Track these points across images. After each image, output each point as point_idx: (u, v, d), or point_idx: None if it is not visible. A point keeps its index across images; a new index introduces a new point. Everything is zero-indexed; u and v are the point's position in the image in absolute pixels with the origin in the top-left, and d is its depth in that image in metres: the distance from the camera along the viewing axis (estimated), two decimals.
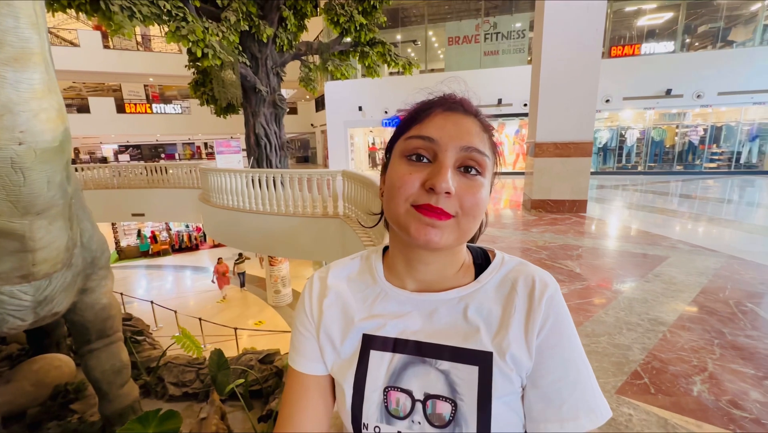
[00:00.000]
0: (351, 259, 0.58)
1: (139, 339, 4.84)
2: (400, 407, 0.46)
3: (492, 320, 0.47)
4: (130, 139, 20.72)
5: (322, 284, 0.55)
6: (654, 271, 2.46)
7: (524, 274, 0.49)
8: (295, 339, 0.55)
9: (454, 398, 0.44)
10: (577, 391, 0.44)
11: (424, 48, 12.73)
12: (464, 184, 0.45)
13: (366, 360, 0.49)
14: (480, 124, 0.48)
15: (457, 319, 0.48)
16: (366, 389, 0.47)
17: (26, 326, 2.60)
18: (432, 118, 0.46)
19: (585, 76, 4.24)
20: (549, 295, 0.46)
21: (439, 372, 0.46)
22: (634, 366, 1.43)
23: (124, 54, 14.77)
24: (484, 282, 0.50)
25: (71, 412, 3.50)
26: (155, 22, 5.32)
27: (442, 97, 0.49)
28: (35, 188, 1.86)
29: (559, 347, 0.44)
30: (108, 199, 9.74)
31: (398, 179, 0.45)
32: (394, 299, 0.51)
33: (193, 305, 10.02)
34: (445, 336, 0.47)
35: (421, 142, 0.45)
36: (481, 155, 0.45)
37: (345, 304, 0.53)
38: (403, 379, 0.46)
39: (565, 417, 0.43)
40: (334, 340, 0.52)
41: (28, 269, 2.22)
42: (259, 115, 7.80)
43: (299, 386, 0.52)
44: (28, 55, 1.59)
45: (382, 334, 0.49)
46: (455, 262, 0.51)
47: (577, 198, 4.44)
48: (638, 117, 10.64)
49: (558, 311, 0.46)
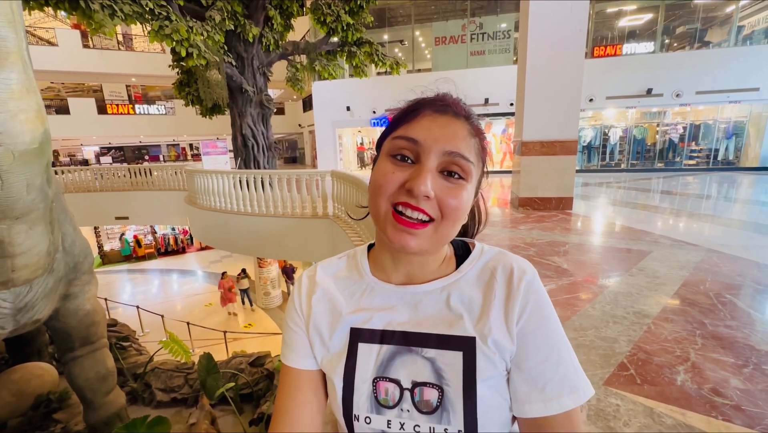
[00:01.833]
0: (338, 258, 0.59)
1: (124, 345, 4.73)
2: (389, 396, 0.47)
3: (474, 307, 0.48)
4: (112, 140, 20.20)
5: (310, 281, 0.56)
6: (638, 265, 2.53)
7: (503, 262, 0.50)
8: (286, 336, 0.56)
9: (441, 384, 0.45)
10: (559, 371, 0.45)
11: (411, 48, 12.77)
12: (445, 187, 0.45)
13: (355, 353, 0.50)
14: (469, 127, 0.48)
15: (441, 308, 0.49)
16: (356, 380, 0.48)
17: (6, 334, 2.52)
18: (419, 120, 0.47)
19: (569, 76, 4.32)
20: (527, 281, 0.47)
21: (425, 360, 0.47)
22: (620, 358, 1.46)
23: (105, 53, 14.39)
24: (465, 272, 0.51)
25: (54, 422, 3.40)
26: (137, 21, 5.21)
27: (434, 97, 0.49)
28: (14, 192, 1.80)
29: (541, 330, 0.46)
30: (90, 203, 9.48)
31: (381, 177, 0.46)
32: (380, 293, 0.52)
33: (181, 309, 9.85)
34: (431, 325, 0.48)
35: (405, 142, 0.46)
36: (465, 161, 0.45)
37: (333, 299, 0.54)
38: (391, 369, 0.48)
39: (549, 397, 0.44)
40: (323, 334, 0.53)
41: (7, 275, 2.15)
42: (245, 116, 7.71)
43: (292, 381, 0.53)
44: (4, 55, 1.54)
45: (369, 327, 0.50)
46: (437, 257, 0.52)
47: (563, 195, 4.52)
48: (621, 116, 10.90)
49: (537, 296, 0.47)
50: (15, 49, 1.58)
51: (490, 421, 0.44)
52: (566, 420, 0.44)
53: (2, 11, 1.50)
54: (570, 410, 0.44)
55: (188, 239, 16.02)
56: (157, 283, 12.71)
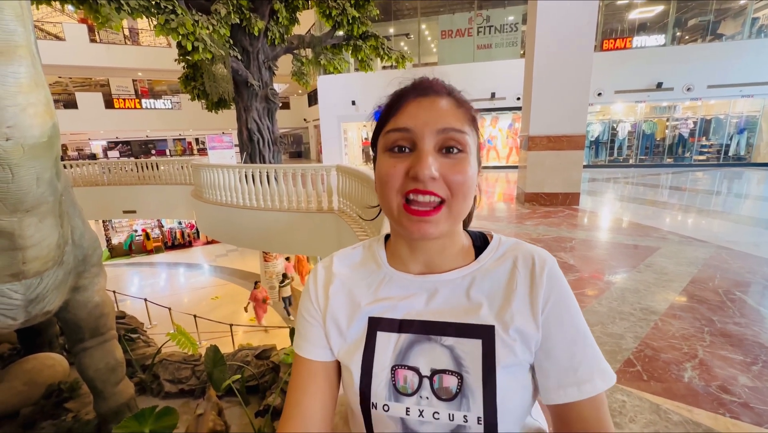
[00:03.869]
0: (353, 248, 0.59)
1: (133, 337, 4.80)
2: (407, 384, 0.47)
3: (495, 297, 0.49)
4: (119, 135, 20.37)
5: (327, 272, 0.56)
6: (645, 261, 2.50)
7: (522, 252, 0.51)
8: (300, 326, 0.56)
9: (460, 372, 0.46)
10: (588, 353, 0.46)
11: (417, 41, 12.65)
12: (448, 164, 0.46)
13: (373, 342, 0.50)
14: (454, 100, 0.49)
15: (460, 297, 0.50)
16: (374, 368, 0.49)
17: (17, 325, 2.57)
18: (405, 108, 0.48)
19: (578, 70, 4.25)
20: (549, 269, 0.48)
21: (444, 348, 0.47)
22: (627, 354, 1.45)
23: (112, 48, 14.44)
24: (484, 261, 0.52)
25: (65, 411, 3.47)
26: (144, 15, 5.21)
27: (413, 83, 0.50)
28: (24, 185, 1.83)
29: (567, 315, 0.47)
30: (98, 197, 9.58)
31: (385, 174, 0.47)
32: (398, 283, 0.53)
33: (188, 302, 9.95)
34: (449, 314, 0.49)
35: (398, 134, 0.47)
36: (460, 133, 0.46)
37: (350, 290, 0.54)
38: (410, 357, 0.48)
39: (582, 379, 0.45)
40: (341, 325, 0.53)
41: (18, 267, 2.18)
42: (251, 110, 7.71)
43: (306, 372, 0.53)
44: (13, 48, 1.55)
45: (388, 316, 0.51)
46: (455, 242, 0.53)
47: (570, 191, 4.48)
48: (630, 110, 10.73)
49: (560, 284, 0.48)
50: (24, 43, 1.59)
51: (509, 408, 0.44)
52: (597, 406, 0.45)
53: (10, 5, 1.51)
54: (599, 395, 0.45)
55: (194, 232, 16.16)
56: (165, 276, 12.87)
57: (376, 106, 0.53)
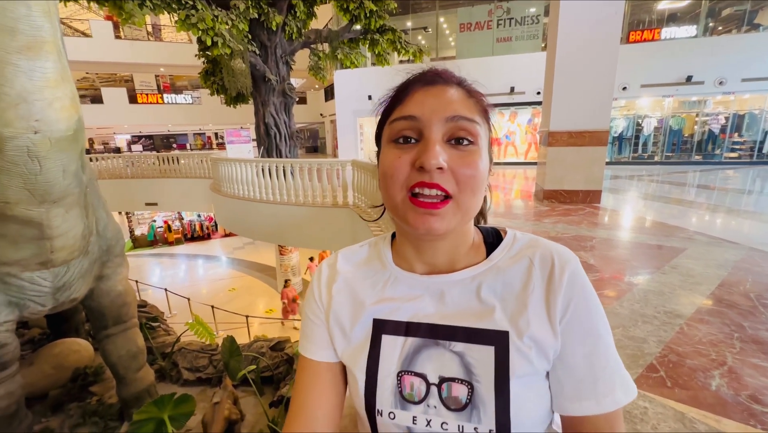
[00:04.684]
0: (359, 246, 0.57)
1: (154, 325, 4.96)
2: (414, 391, 0.45)
3: (508, 299, 0.45)
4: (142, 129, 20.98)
5: (331, 270, 0.54)
6: (671, 263, 2.40)
7: (540, 249, 0.47)
8: (305, 326, 0.55)
9: (471, 380, 0.43)
10: (609, 365, 0.42)
11: (435, 35, 12.48)
12: (457, 156, 0.42)
13: (378, 345, 0.47)
14: (464, 90, 0.45)
15: (470, 299, 0.46)
16: (379, 374, 0.46)
17: (46, 311, 2.68)
18: (411, 96, 0.45)
19: (602, 63, 4.10)
20: (571, 271, 0.44)
21: (453, 354, 0.44)
22: (649, 359, 1.40)
23: (136, 44, 14.83)
24: (497, 260, 0.48)
25: (90, 394, 3.62)
26: (165, 11, 5.32)
27: (421, 72, 0.47)
28: (51, 177, 1.89)
29: (588, 322, 0.43)
30: (122, 189, 9.91)
31: (389, 166, 0.44)
32: (404, 283, 0.50)
33: (206, 293, 10.22)
34: (459, 317, 0.46)
35: (404, 123, 0.44)
36: (470, 122, 0.43)
37: (354, 289, 0.52)
38: (417, 362, 0.45)
39: (601, 392, 0.41)
40: (344, 325, 0.51)
41: (47, 256, 2.27)
42: (268, 105, 7.78)
43: (310, 373, 0.52)
44: (40, 44, 1.60)
45: (393, 318, 0.48)
46: (464, 240, 0.49)
47: (591, 188, 4.35)
48: (656, 105, 10.31)
49: (582, 287, 0.44)
50: (50, 38, 1.63)
51: (523, 421, 0.41)
52: (614, 419, 0.42)
53: (38, 2, 1.55)
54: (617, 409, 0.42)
55: (213, 225, 16.52)
56: (184, 267, 13.23)
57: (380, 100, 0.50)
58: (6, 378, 2.52)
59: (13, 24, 1.49)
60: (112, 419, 3.28)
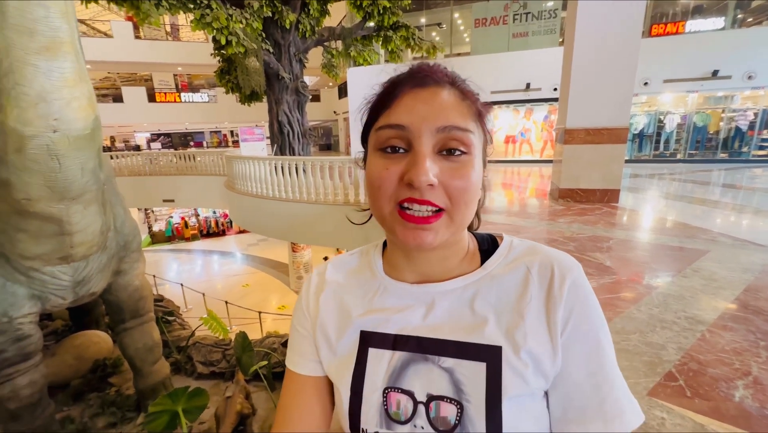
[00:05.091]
0: (350, 254, 0.55)
1: (170, 319, 5.08)
2: (401, 410, 0.42)
3: (503, 311, 0.42)
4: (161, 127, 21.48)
5: (320, 279, 0.52)
6: (692, 265, 2.31)
7: (539, 257, 0.44)
8: (292, 338, 0.53)
9: (460, 399, 0.40)
10: (617, 383, 0.39)
11: (449, 31, 12.33)
12: (448, 168, 0.39)
13: (364, 359, 0.45)
14: (458, 92, 0.42)
15: (462, 310, 0.44)
16: (364, 390, 0.44)
17: (67, 304, 2.77)
18: (400, 101, 0.41)
19: (623, 58, 3.96)
20: (572, 279, 0.41)
21: (442, 370, 0.41)
22: (668, 367, 1.34)
23: (155, 44, 15.16)
24: (491, 268, 0.45)
25: (109, 385, 3.75)
26: (181, 10, 5.40)
27: (410, 71, 0.43)
28: (70, 174, 1.94)
29: (593, 337, 0.40)
30: (141, 186, 10.17)
31: (376, 177, 0.41)
32: (393, 293, 0.47)
33: (221, 288, 10.42)
34: (449, 330, 0.43)
35: (391, 131, 0.40)
36: (463, 132, 0.40)
37: (342, 299, 0.50)
38: (404, 379, 0.43)
39: (609, 414, 0.38)
40: (330, 337, 0.48)
41: (67, 251, 2.35)
42: (282, 103, 7.84)
43: (296, 388, 0.50)
44: (58, 45, 1.64)
45: (381, 330, 0.46)
46: (457, 248, 0.46)
47: (609, 187, 4.22)
48: (679, 101, 9.93)
49: (585, 297, 0.41)
50: (68, 39, 1.67)
51: None
52: None
53: (56, 4, 1.58)
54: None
55: (228, 222, 16.81)
56: (200, 263, 13.52)
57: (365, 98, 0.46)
58: (30, 368, 2.62)
59: (32, 25, 1.53)
60: (129, 410, 3.38)
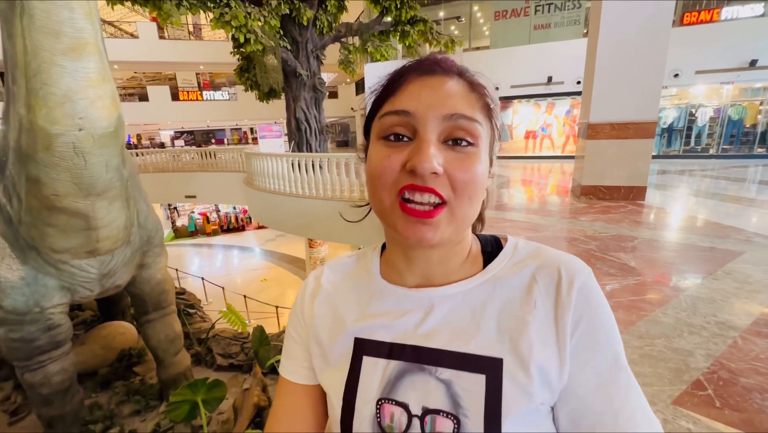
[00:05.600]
0: (348, 257, 0.53)
1: (191, 312, 5.24)
2: (394, 423, 0.39)
3: (506, 318, 0.39)
4: (183, 125, 22.08)
5: (316, 283, 0.51)
6: (725, 267, 2.18)
7: (545, 260, 0.41)
8: (286, 344, 0.51)
9: (457, 414, 0.37)
10: (631, 396, 0.36)
11: (468, 24, 12.10)
12: (454, 159, 0.37)
13: (358, 368, 0.43)
14: (466, 83, 0.40)
15: (462, 317, 0.41)
16: (357, 400, 0.41)
17: (94, 295, 2.89)
18: (405, 87, 0.40)
19: (651, 48, 3.77)
20: (580, 283, 0.38)
21: (439, 382, 0.39)
22: (696, 375, 1.27)
23: (178, 44, 15.56)
24: (494, 272, 0.43)
25: (134, 374, 3.90)
26: (201, 9, 5.51)
27: (417, 60, 0.41)
28: (95, 171, 2.01)
29: (604, 345, 0.37)
30: (165, 182, 10.50)
31: (377, 166, 0.39)
32: (390, 298, 0.45)
33: (240, 282, 10.66)
34: (447, 339, 0.40)
35: (396, 118, 0.39)
36: (470, 122, 0.38)
37: (336, 304, 0.48)
38: (399, 390, 0.40)
39: (624, 428, 0.35)
40: (323, 343, 0.47)
41: (93, 245, 2.44)
42: (299, 100, 7.91)
43: (288, 396, 0.48)
44: (83, 45, 1.69)
45: (376, 338, 0.43)
46: (459, 249, 0.44)
47: (635, 184, 4.05)
48: (713, 93, 9.42)
49: (596, 303, 0.38)
50: (92, 40, 1.72)
51: None
52: None
53: (80, 5, 1.62)
54: None
55: (247, 217, 17.17)
56: (221, 257, 13.87)
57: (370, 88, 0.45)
58: (60, 356, 2.75)
59: (58, 27, 1.58)
60: (153, 398, 3.51)
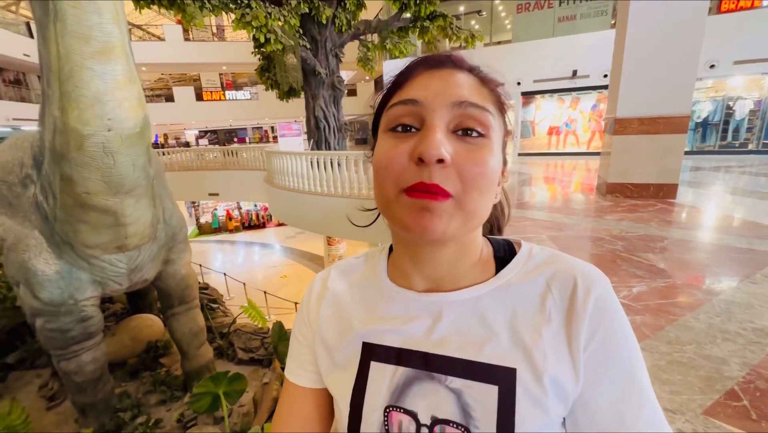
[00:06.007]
0: (356, 258, 0.52)
1: (213, 307, 5.40)
2: (402, 431, 0.39)
3: (518, 327, 0.38)
4: (208, 125, 22.74)
5: (322, 285, 0.50)
6: (764, 270, 2.05)
7: (560, 268, 0.39)
8: (292, 347, 0.51)
9: (468, 425, 0.36)
10: (644, 416, 0.34)
11: (489, 18, 11.85)
12: (463, 149, 0.36)
13: (366, 373, 0.42)
14: (477, 79, 0.39)
15: (473, 324, 0.39)
16: (364, 407, 0.41)
17: (123, 289, 3.03)
18: (414, 79, 0.39)
19: (684, 38, 3.58)
20: (598, 293, 0.37)
21: (449, 391, 0.38)
22: (729, 384, 1.20)
23: (202, 45, 16.01)
24: (507, 278, 0.41)
25: (160, 365, 4.05)
26: (223, 11, 5.64)
27: (427, 55, 0.41)
28: (123, 170, 2.10)
29: (618, 359, 0.35)
30: (189, 180, 10.85)
31: (383, 157, 0.38)
32: (399, 302, 0.44)
33: (261, 278, 10.90)
34: (458, 346, 0.39)
35: (403, 107, 0.38)
36: (481, 110, 0.36)
37: (343, 307, 0.47)
38: (407, 398, 0.39)
39: None
40: (330, 346, 0.46)
41: (122, 241, 2.55)
42: (318, 98, 7.98)
43: (294, 400, 0.48)
44: (111, 49, 1.75)
45: (384, 343, 0.42)
46: (470, 252, 0.42)
47: (665, 182, 3.86)
48: (753, 84, 8.86)
49: (612, 314, 0.36)
50: (119, 43, 1.78)
51: None
52: None
53: (108, 9, 1.69)
54: None
55: (268, 215, 17.51)
56: (242, 254, 14.22)
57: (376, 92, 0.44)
58: (93, 346, 2.89)
59: (87, 32, 1.64)
60: (177, 389, 3.64)
